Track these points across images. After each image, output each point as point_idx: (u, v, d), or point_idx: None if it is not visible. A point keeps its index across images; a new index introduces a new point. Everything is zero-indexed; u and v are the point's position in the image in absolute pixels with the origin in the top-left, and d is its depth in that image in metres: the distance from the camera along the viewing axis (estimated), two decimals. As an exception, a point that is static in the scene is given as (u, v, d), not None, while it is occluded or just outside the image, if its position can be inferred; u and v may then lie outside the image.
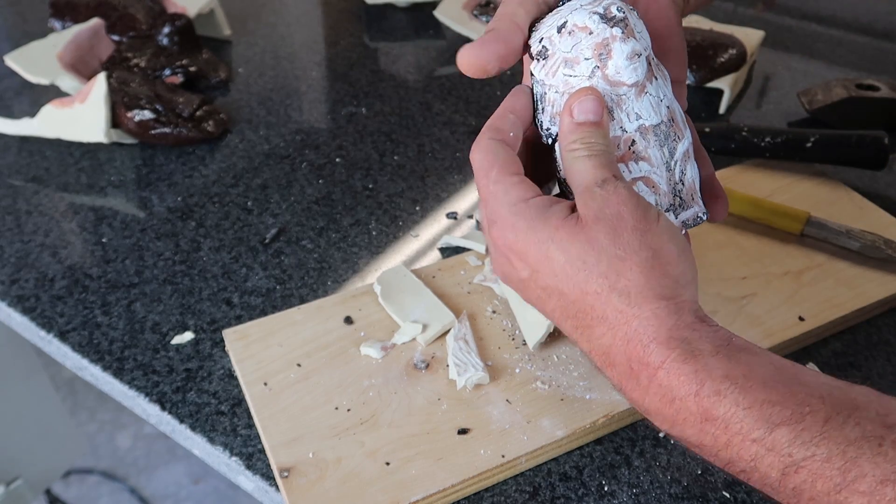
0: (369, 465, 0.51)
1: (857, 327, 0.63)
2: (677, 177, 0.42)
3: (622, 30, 0.40)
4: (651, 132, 0.41)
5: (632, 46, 0.40)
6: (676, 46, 0.47)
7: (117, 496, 1.53)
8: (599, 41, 0.40)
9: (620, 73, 0.40)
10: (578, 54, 0.40)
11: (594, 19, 0.40)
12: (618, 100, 0.41)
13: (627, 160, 0.41)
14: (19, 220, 0.72)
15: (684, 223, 0.43)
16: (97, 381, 0.60)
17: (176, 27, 0.90)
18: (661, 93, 0.42)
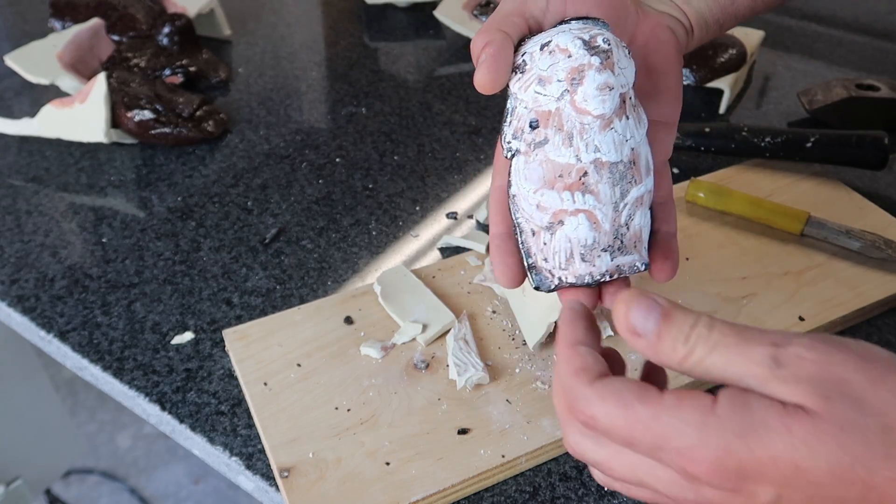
0: (369, 465, 0.51)
1: (857, 327, 0.63)
2: (623, 220, 0.42)
3: (601, 60, 0.39)
4: (606, 168, 0.41)
5: (605, 78, 0.39)
6: (671, 87, 0.46)
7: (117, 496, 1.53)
8: (575, 65, 0.40)
9: (588, 101, 0.39)
10: (553, 74, 0.40)
11: (577, 44, 0.40)
12: (580, 128, 0.40)
13: (574, 189, 0.41)
14: (19, 220, 0.72)
15: (618, 268, 0.42)
16: (97, 381, 0.60)
17: (176, 27, 0.90)
18: (629, 133, 0.41)
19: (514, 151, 0.42)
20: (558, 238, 0.42)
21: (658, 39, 0.46)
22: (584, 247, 0.42)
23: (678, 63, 0.47)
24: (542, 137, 0.41)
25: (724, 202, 0.70)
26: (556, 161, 0.41)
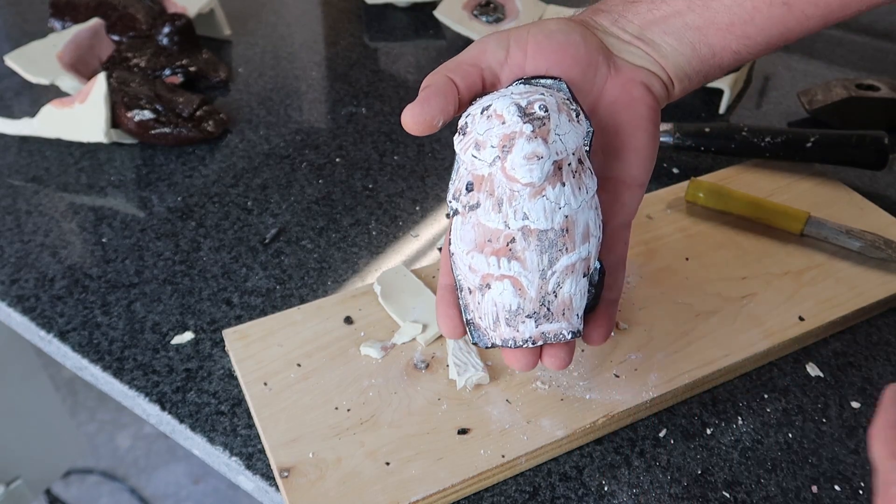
0: (369, 465, 0.51)
1: (857, 327, 0.63)
2: (550, 287, 0.42)
3: (533, 128, 0.39)
4: (534, 236, 0.41)
5: (534, 148, 0.39)
6: (639, 146, 0.45)
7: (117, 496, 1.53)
8: (508, 133, 0.40)
9: (515, 170, 0.39)
10: (487, 139, 0.40)
11: (511, 110, 0.40)
12: (510, 194, 0.40)
13: (501, 255, 0.41)
14: (19, 220, 0.72)
15: (543, 335, 0.43)
16: (97, 381, 0.60)
17: (176, 27, 0.90)
18: (564, 201, 0.41)
19: (453, 211, 0.43)
20: (486, 300, 0.42)
21: (630, 96, 0.45)
22: (509, 312, 0.42)
23: (651, 121, 0.45)
24: (476, 201, 0.41)
25: (724, 202, 0.70)
26: (487, 225, 0.41)
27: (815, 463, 0.54)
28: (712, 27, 0.44)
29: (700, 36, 0.45)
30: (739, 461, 0.53)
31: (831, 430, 0.56)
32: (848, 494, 0.52)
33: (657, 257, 0.66)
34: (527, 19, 1.00)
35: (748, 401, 0.57)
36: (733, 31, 0.44)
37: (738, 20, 0.44)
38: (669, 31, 0.45)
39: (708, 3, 0.44)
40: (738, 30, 0.44)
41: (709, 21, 0.44)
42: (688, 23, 0.45)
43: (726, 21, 0.44)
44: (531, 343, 0.43)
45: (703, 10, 0.44)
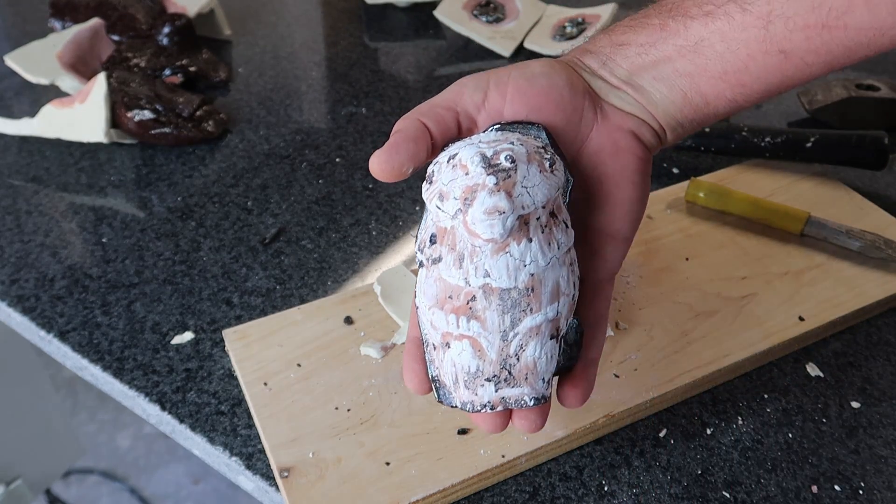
0: (369, 465, 0.51)
1: (857, 327, 0.63)
2: (512, 350, 0.39)
3: (496, 181, 0.37)
4: (496, 295, 0.38)
5: (495, 202, 0.37)
6: (624, 198, 0.43)
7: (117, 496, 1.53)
8: (470, 185, 0.37)
9: (476, 224, 0.37)
10: (450, 191, 0.38)
11: (475, 161, 0.38)
12: (472, 249, 0.38)
13: (460, 314, 0.38)
14: (19, 220, 0.72)
15: (503, 400, 0.39)
16: (97, 381, 0.60)
17: (176, 27, 0.90)
18: (531, 258, 0.38)
19: (419, 262, 0.40)
20: (446, 360, 0.40)
21: (616, 145, 0.43)
22: (468, 374, 0.39)
23: (638, 172, 0.43)
24: (438, 254, 0.39)
25: (724, 202, 0.70)
26: (448, 281, 0.38)
27: (815, 463, 0.54)
28: (704, 75, 0.42)
29: (692, 83, 0.42)
30: (739, 461, 0.53)
31: (831, 430, 0.56)
32: (848, 494, 0.52)
33: (657, 257, 0.66)
34: (527, 19, 1.00)
35: (748, 401, 0.57)
36: (727, 80, 0.42)
37: (732, 68, 0.41)
38: (660, 78, 0.43)
39: (699, 49, 0.41)
40: (733, 78, 0.42)
41: (700, 68, 0.42)
42: (678, 69, 0.42)
43: (719, 69, 0.41)
44: (489, 408, 0.40)
45: (693, 57, 0.42)
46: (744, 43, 0.40)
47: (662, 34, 0.42)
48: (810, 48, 0.40)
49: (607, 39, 0.44)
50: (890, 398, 0.58)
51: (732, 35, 0.40)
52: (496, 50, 0.97)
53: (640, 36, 0.43)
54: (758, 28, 0.40)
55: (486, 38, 0.98)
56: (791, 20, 0.39)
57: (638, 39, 0.43)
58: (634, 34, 0.43)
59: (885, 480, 0.53)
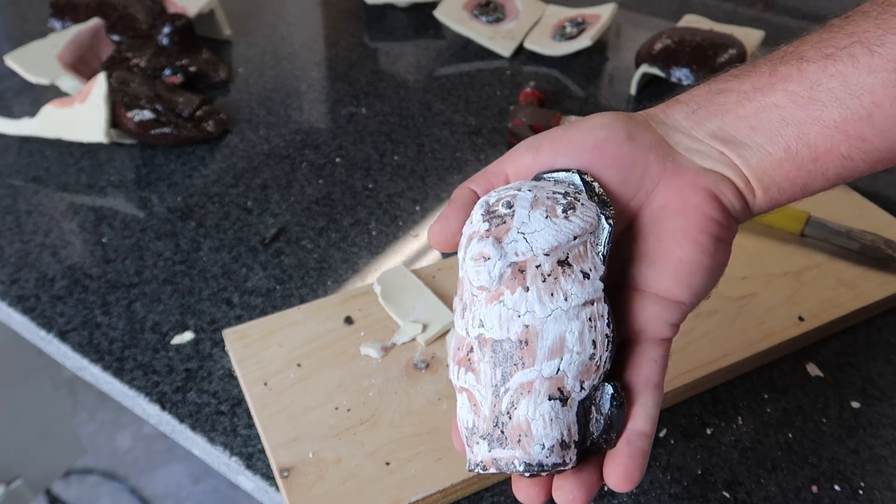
0: (369, 465, 0.51)
1: (857, 327, 0.63)
2: (504, 407, 0.35)
3: (489, 227, 0.36)
4: (489, 346, 0.35)
5: (480, 248, 0.35)
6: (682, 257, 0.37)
7: (117, 496, 1.53)
8: (470, 233, 0.37)
9: (468, 271, 0.36)
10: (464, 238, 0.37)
11: (479, 210, 0.37)
12: (472, 299, 0.36)
13: (462, 366, 0.37)
14: (19, 220, 0.72)
15: (495, 461, 0.35)
16: (97, 381, 0.60)
17: (176, 27, 0.90)
18: (525, 308, 0.35)
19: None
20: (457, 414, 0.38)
21: (685, 202, 0.37)
22: (467, 429, 0.37)
23: (707, 234, 0.37)
24: (454, 305, 0.38)
25: (724, 202, 0.70)
26: (458, 331, 0.37)
27: (815, 463, 0.54)
28: (817, 124, 0.36)
29: (799, 133, 0.36)
30: (739, 461, 0.53)
31: (831, 430, 0.56)
32: (848, 494, 0.52)
33: (657, 257, 0.66)
34: (527, 19, 1.00)
35: (748, 401, 0.57)
36: (844, 130, 0.36)
37: (852, 117, 0.35)
38: (759, 128, 0.37)
39: (814, 94, 0.35)
40: (852, 129, 0.35)
41: (813, 116, 0.36)
42: (784, 117, 0.36)
43: (836, 117, 0.35)
44: (482, 468, 0.36)
45: (806, 104, 0.36)
46: (869, 88, 0.35)
47: (770, 80, 0.37)
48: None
49: (706, 88, 0.39)
50: (890, 398, 0.58)
51: (856, 79, 0.35)
52: (496, 50, 0.97)
53: (744, 83, 0.38)
54: (889, 71, 0.34)
55: (486, 38, 0.98)
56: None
57: (741, 87, 0.38)
58: (738, 82, 0.38)
59: (885, 480, 0.53)
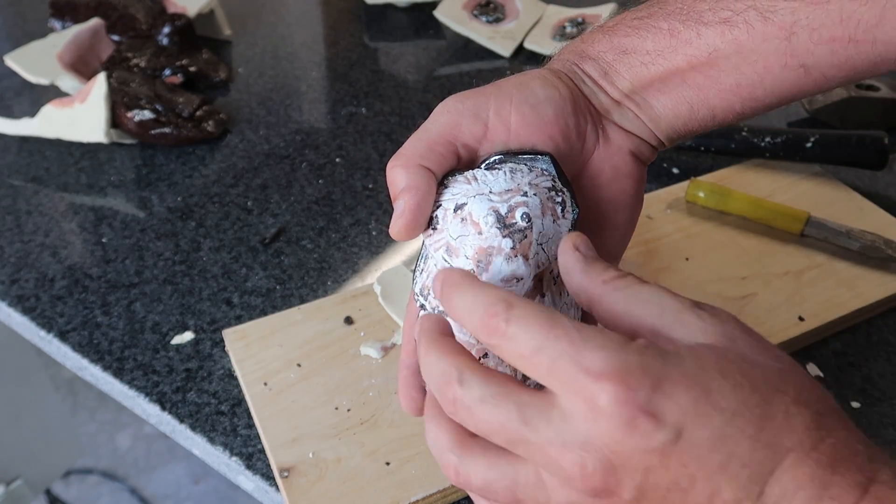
0: (369, 465, 0.51)
1: (857, 327, 0.63)
2: None
3: (513, 244, 0.35)
4: None
5: (513, 269, 0.35)
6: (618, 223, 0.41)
7: (117, 496, 1.53)
8: (485, 246, 0.35)
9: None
10: (461, 247, 0.35)
11: (489, 220, 0.35)
12: None
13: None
14: (19, 220, 0.72)
15: None
16: (97, 381, 0.60)
17: (176, 27, 0.90)
18: None
19: (420, 305, 0.38)
20: None
21: (615, 170, 0.40)
22: None
23: (635, 196, 0.41)
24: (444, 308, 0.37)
25: (724, 202, 0.70)
26: (457, 335, 0.36)
27: (815, 463, 0.53)
28: (715, 88, 0.39)
29: (700, 96, 0.39)
30: (739, 461, 0.53)
31: (831, 430, 0.56)
32: (848, 494, 0.52)
33: (657, 257, 0.66)
34: (527, 19, 1.00)
35: (748, 401, 0.57)
36: (739, 93, 0.39)
37: (746, 81, 0.38)
38: (665, 91, 0.40)
39: (712, 60, 0.38)
40: (745, 91, 0.39)
41: (712, 80, 0.39)
42: (687, 82, 0.39)
43: (732, 82, 0.38)
44: None
45: (705, 69, 0.39)
46: (762, 55, 0.37)
47: (672, 42, 0.39)
48: (834, 62, 0.37)
49: (608, 43, 0.41)
50: (890, 398, 0.58)
51: (751, 46, 0.37)
52: (496, 50, 0.97)
53: (646, 42, 0.40)
54: (779, 39, 0.37)
55: (486, 38, 0.98)
56: (816, 32, 0.36)
57: (644, 46, 0.40)
58: (640, 39, 0.40)
59: (885, 480, 0.53)
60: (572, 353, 0.28)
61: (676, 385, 0.28)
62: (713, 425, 0.28)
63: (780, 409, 0.28)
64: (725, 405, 0.28)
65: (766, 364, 0.30)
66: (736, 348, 0.30)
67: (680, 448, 0.28)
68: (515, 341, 0.30)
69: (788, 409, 0.29)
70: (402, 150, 0.38)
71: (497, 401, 0.30)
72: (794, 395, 0.29)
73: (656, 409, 0.27)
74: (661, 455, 0.28)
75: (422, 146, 0.38)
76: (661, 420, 0.27)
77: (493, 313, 0.30)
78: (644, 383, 0.28)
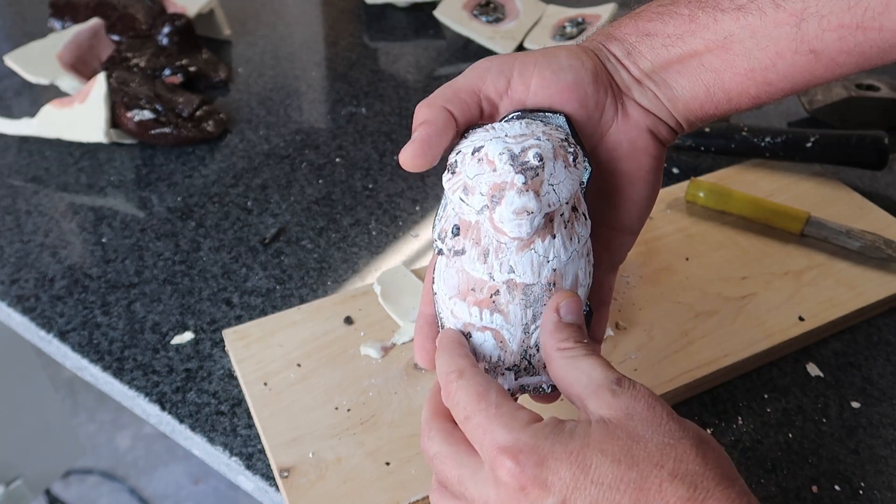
0: (369, 465, 0.51)
1: (857, 327, 0.63)
2: (533, 341, 0.40)
3: (525, 180, 0.37)
4: (519, 290, 0.39)
5: (524, 203, 0.37)
6: (637, 198, 0.43)
7: (117, 496, 1.53)
8: (498, 182, 0.37)
9: (504, 223, 0.37)
10: (476, 185, 0.38)
11: (503, 158, 0.37)
12: (497, 245, 0.38)
13: (483, 307, 0.39)
14: (19, 220, 0.72)
15: (522, 387, 0.41)
16: (97, 381, 0.60)
17: (176, 27, 0.90)
18: (553, 254, 0.38)
19: (437, 249, 0.41)
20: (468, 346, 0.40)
21: (634, 145, 0.42)
22: (489, 362, 0.40)
23: (653, 172, 0.43)
24: (461, 247, 0.39)
25: (724, 202, 0.70)
26: (471, 274, 0.39)
27: (815, 463, 0.54)
28: (730, 71, 0.41)
29: (716, 80, 0.41)
30: (739, 461, 0.53)
31: (831, 430, 0.56)
32: (848, 494, 0.52)
33: (657, 257, 0.66)
34: (527, 19, 1.00)
35: (748, 401, 0.57)
36: (753, 77, 0.41)
37: (759, 66, 0.40)
38: (684, 73, 0.42)
39: (727, 45, 0.40)
40: (759, 76, 0.40)
41: (727, 64, 0.41)
42: (704, 65, 0.41)
43: (746, 66, 0.40)
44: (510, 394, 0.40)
45: (721, 53, 0.40)
46: (774, 41, 0.39)
47: (691, 26, 0.41)
48: (843, 49, 0.39)
49: (633, 26, 0.43)
50: (890, 398, 0.58)
51: (763, 32, 0.39)
52: (496, 50, 0.97)
53: (668, 26, 0.42)
54: (790, 26, 0.39)
55: (486, 38, 0.98)
56: (825, 19, 0.38)
57: (665, 30, 0.42)
58: (662, 23, 0.42)
59: (885, 480, 0.53)
60: (487, 426, 0.35)
61: (559, 461, 0.33)
62: (590, 496, 0.33)
63: (655, 483, 0.32)
64: (602, 479, 0.33)
65: (654, 440, 0.33)
66: (629, 425, 0.34)
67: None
68: (458, 407, 0.36)
69: (662, 482, 0.32)
70: (430, 95, 0.41)
71: (444, 459, 0.37)
72: (672, 468, 0.33)
73: (545, 480, 0.33)
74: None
75: (448, 92, 0.40)
76: (549, 489, 0.33)
77: (447, 380, 0.37)
78: (530, 460, 0.33)
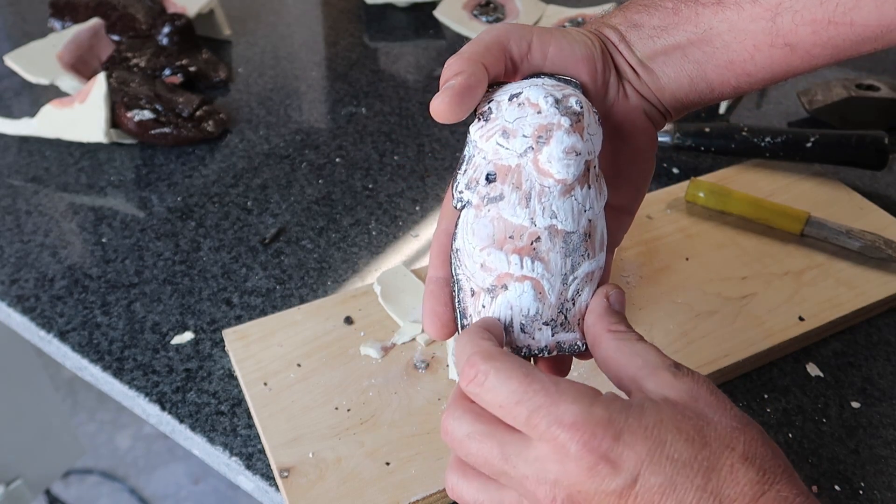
0: (369, 465, 0.51)
1: (857, 327, 0.63)
2: (570, 294, 0.39)
3: (571, 122, 0.37)
4: (560, 237, 0.38)
5: (573, 142, 0.37)
6: (634, 177, 0.44)
7: (117, 496, 1.53)
8: (544, 123, 0.37)
9: (552, 163, 0.37)
10: (518, 128, 0.37)
11: (548, 101, 0.37)
12: (540, 189, 0.37)
13: (524, 254, 0.38)
14: (19, 220, 0.72)
15: (559, 344, 0.39)
16: (97, 381, 0.60)
17: (176, 27, 0.90)
18: (589, 204, 0.38)
19: (464, 203, 0.39)
20: (499, 303, 0.38)
21: (633, 125, 0.44)
22: (526, 317, 0.38)
23: (650, 152, 0.45)
24: (498, 193, 0.38)
25: (724, 202, 0.70)
26: (509, 221, 0.38)
27: (815, 463, 0.54)
28: (710, 63, 0.43)
29: (698, 71, 0.43)
30: (739, 461, 0.53)
31: (831, 430, 0.56)
32: (848, 494, 0.52)
33: (657, 257, 0.66)
34: (526, 20, 1.00)
35: (748, 401, 0.57)
36: (732, 69, 0.43)
37: (738, 59, 0.42)
38: (668, 63, 0.43)
39: (707, 38, 0.42)
40: (738, 68, 0.42)
41: (708, 56, 0.42)
42: (687, 56, 0.43)
43: (725, 59, 0.42)
44: (546, 352, 0.39)
45: (702, 45, 0.42)
46: (751, 34, 0.41)
47: (674, 19, 0.43)
48: (817, 42, 0.40)
49: (622, 17, 0.45)
50: (890, 398, 0.58)
51: (741, 26, 0.41)
52: (496, 50, 0.97)
53: (654, 18, 0.43)
54: (765, 20, 0.41)
55: (486, 38, 0.98)
56: (799, 14, 0.40)
57: (651, 21, 0.43)
58: (648, 15, 0.44)
59: (885, 480, 0.53)
60: (548, 405, 0.33)
61: (635, 436, 0.32)
62: (665, 473, 0.32)
63: (727, 463, 0.33)
64: (677, 456, 0.32)
65: (722, 422, 0.34)
66: (696, 406, 0.34)
67: (635, 492, 0.32)
68: (495, 392, 0.34)
69: (734, 464, 0.33)
70: (460, 49, 0.40)
71: (481, 438, 0.35)
72: (742, 451, 0.33)
73: (617, 457, 0.32)
74: (618, 497, 0.32)
75: (480, 47, 0.40)
76: (619, 466, 0.32)
77: (471, 363, 0.35)
78: (608, 434, 0.32)
